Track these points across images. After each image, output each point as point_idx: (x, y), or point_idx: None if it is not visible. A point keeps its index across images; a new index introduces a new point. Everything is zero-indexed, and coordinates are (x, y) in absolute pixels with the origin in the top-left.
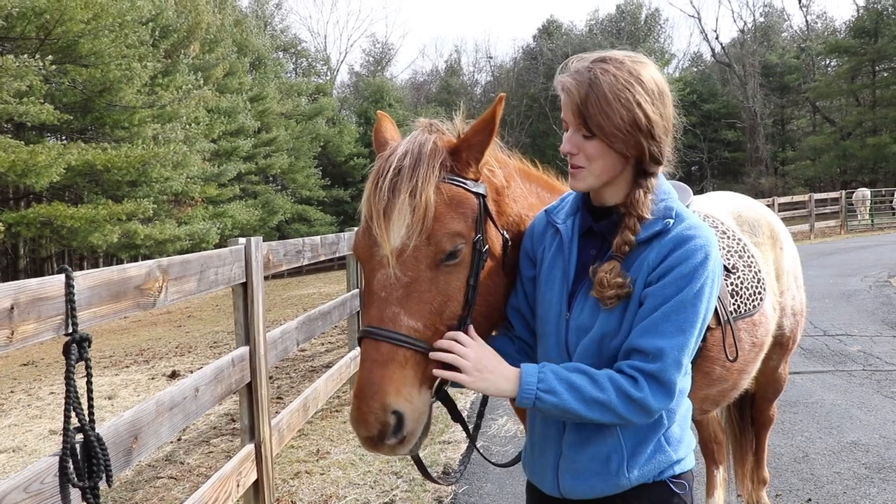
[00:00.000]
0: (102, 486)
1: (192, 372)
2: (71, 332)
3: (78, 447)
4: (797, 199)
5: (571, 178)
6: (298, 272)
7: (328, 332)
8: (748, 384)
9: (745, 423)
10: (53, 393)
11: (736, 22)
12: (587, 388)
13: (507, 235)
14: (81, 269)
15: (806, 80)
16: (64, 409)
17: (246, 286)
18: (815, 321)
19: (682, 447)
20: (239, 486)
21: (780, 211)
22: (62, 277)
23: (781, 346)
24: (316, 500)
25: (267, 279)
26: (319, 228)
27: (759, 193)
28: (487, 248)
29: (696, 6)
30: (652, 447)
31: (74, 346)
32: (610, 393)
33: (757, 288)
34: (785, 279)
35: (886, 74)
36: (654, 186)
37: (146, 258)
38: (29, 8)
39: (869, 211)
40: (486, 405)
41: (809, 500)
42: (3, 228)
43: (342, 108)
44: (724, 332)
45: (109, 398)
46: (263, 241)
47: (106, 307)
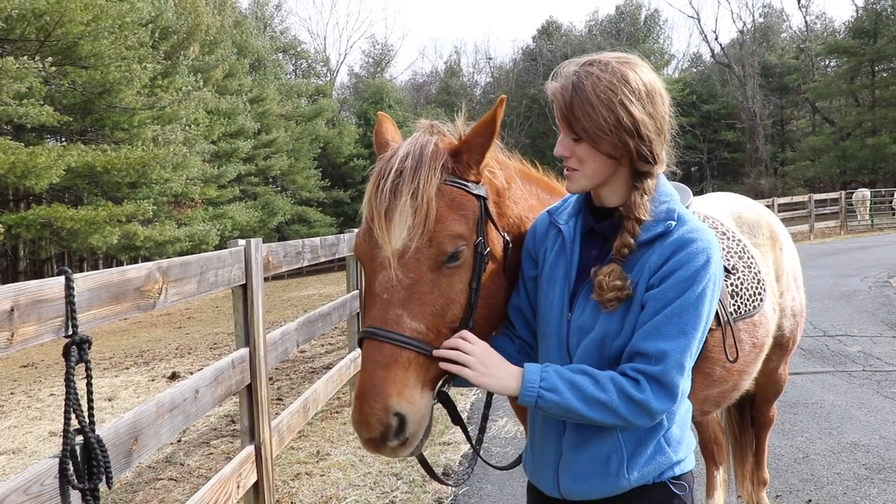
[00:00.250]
0: (102, 487)
1: (191, 373)
2: (71, 333)
3: (78, 449)
4: (797, 199)
5: (566, 180)
6: (298, 273)
7: (328, 333)
8: (748, 385)
9: (745, 423)
10: (53, 394)
11: (735, 22)
12: (589, 387)
13: (507, 237)
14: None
15: (805, 80)
16: (64, 410)
17: (246, 288)
18: (814, 322)
19: (682, 448)
20: (239, 487)
21: (779, 211)
22: (62, 279)
23: (781, 346)
24: (316, 501)
25: (267, 280)
26: (319, 230)
27: (758, 194)
28: (489, 250)
29: (695, 7)
30: (652, 448)
31: (74, 347)
32: (612, 394)
33: (757, 289)
34: (785, 280)
35: (886, 75)
36: (652, 188)
37: (146, 260)
38: (29, 10)
39: (869, 211)
40: (489, 407)
41: (809, 500)
42: (2, 230)
43: (342, 109)
44: (724, 333)
45: (109, 400)
46: (263, 242)
47: (106, 309)
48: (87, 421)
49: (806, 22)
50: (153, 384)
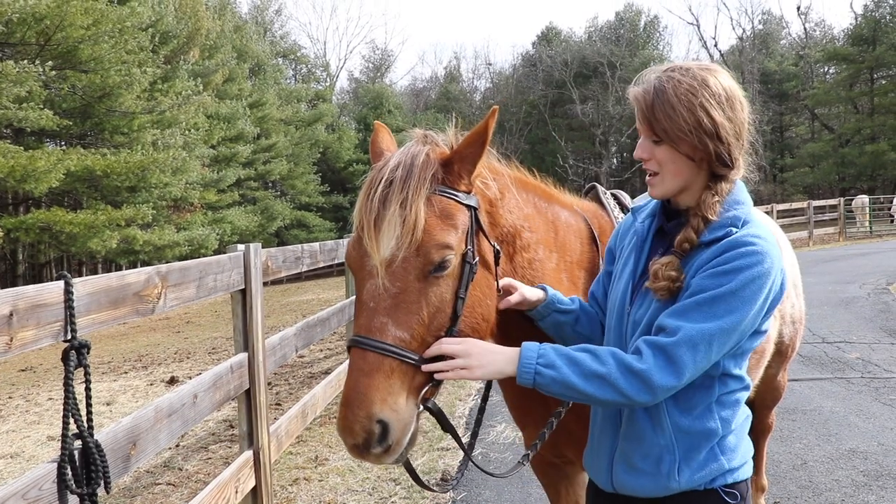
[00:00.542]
0: (101, 492)
1: (190, 378)
2: (70, 338)
3: (76, 453)
4: (796, 206)
5: (649, 186)
6: (297, 278)
7: (327, 338)
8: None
9: None
10: (52, 399)
11: (735, 29)
12: (587, 362)
13: (498, 247)
14: (80, 274)
15: (804, 87)
16: (62, 415)
17: (245, 292)
18: (813, 328)
19: (737, 456)
20: (237, 492)
21: (778, 218)
22: (61, 284)
23: (780, 353)
24: None
25: (266, 285)
26: (318, 234)
27: (757, 200)
28: (477, 260)
29: (694, 13)
30: (705, 454)
31: (73, 352)
32: (610, 367)
33: None
34: None
35: (885, 82)
36: (725, 192)
37: (145, 264)
38: (29, 13)
39: (868, 218)
40: (483, 413)
41: None
42: (1, 234)
43: (341, 114)
44: None
45: (108, 404)
46: (262, 247)
47: (105, 314)
48: (85, 425)
49: (805, 29)
50: (152, 389)
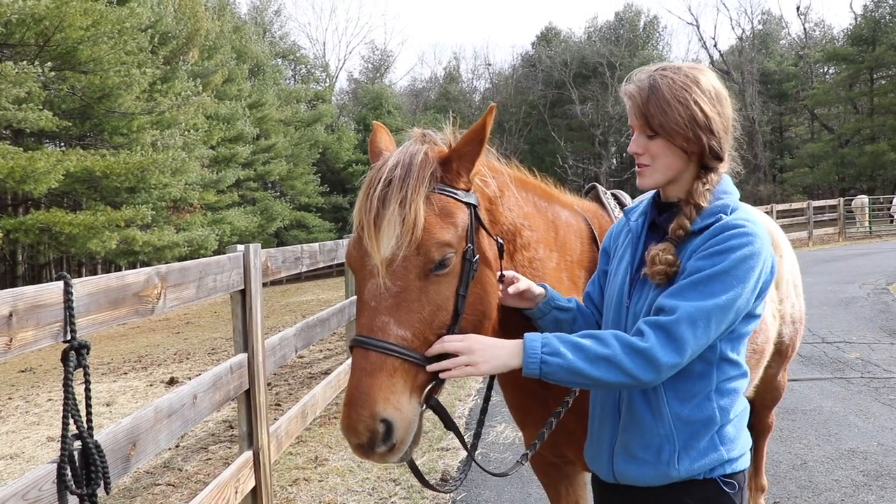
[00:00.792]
0: (100, 493)
1: (190, 379)
2: (69, 339)
3: (76, 454)
4: (795, 206)
5: (638, 176)
6: (297, 279)
7: (326, 338)
8: (748, 392)
9: None
10: (51, 400)
11: (734, 29)
12: (592, 346)
13: (501, 241)
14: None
15: (804, 87)
16: (62, 415)
17: (244, 293)
18: (813, 328)
19: (736, 447)
20: (237, 492)
21: (778, 218)
22: (61, 284)
23: (780, 353)
24: None
25: (265, 286)
26: (318, 235)
27: (757, 200)
28: (478, 257)
29: (694, 14)
30: (705, 443)
31: (73, 353)
32: (614, 348)
33: None
34: (784, 287)
35: (884, 82)
36: (714, 182)
37: (144, 264)
38: (28, 14)
39: (867, 218)
40: (485, 413)
41: None
42: (1, 235)
43: (341, 114)
44: None
45: (108, 405)
46: (262, 247)
47: (104, 314)
48: (85, 426)
49: (805, 29)
50: (151, 389)
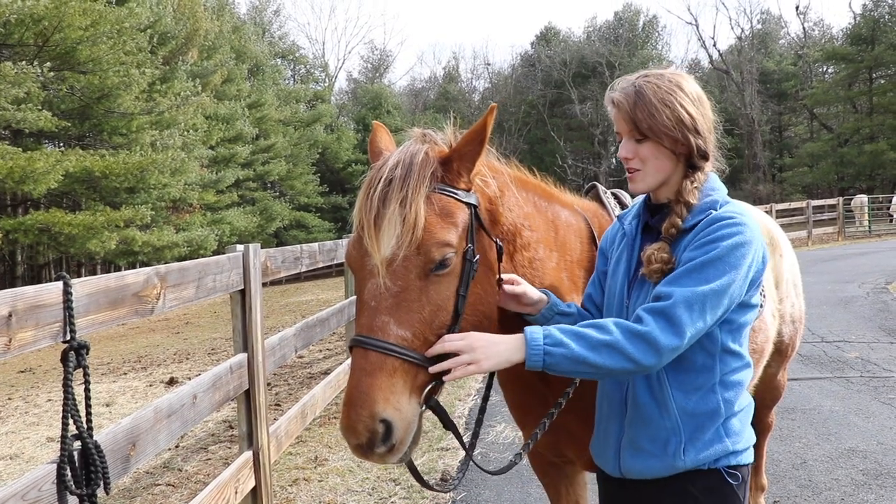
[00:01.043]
0: (100, 493)
1: (190, 379)
2: (69, 339)
3: (76, 454)
4: (795, 205)
5: (630, 182)
6: (297, 279)
7: (326, 338)
8: (748, 391)
9: None
10: (51, 400)
11: (733, 29)
12: (593, 334)
13: (500, 243)
14: (79, 275)
15: (803, 86)
16: (62, 416)
17: (244, 293)
18: (812, 328)
19: (741, 440)
20: (237, 493)
21: (777, 218)
22: (60, 285)
23: (780, 353)
24: None
25: (265, 286)
26: (318, 235)
27: (756, 200)
28: (478, 258)
29: (693, 13)
30: (710, 434)
31: (72, 353)
32: (615, 334)
33: None
34: (784, 286)
35: (883, 81)
36: (702, 180)
37: (144, 265)
38: (27, 14)
39: (867, 218)
40: (483, 413)
41: None
42: (0, 235)
43: (340, 114)
44: None
45: (107, 405)
46: (261, 247)
47: (104, 314)
48: (84, 426)
49: (804, 28)
50: (151, 390)
